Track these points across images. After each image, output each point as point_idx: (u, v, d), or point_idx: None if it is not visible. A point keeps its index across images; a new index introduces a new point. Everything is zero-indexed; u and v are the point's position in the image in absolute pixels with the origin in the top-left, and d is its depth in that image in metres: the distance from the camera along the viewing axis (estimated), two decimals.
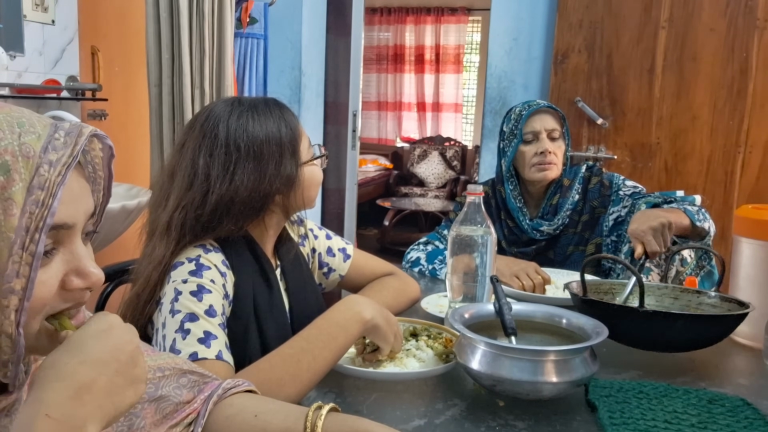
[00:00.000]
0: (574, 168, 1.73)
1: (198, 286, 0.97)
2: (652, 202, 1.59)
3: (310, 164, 1.12)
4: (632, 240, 1.38)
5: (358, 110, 3.48)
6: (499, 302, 1.04)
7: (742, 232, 1.25)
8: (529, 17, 2.69)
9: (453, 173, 6.57)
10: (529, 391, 0.90)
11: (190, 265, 1.00)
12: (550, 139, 1.65)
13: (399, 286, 1.32)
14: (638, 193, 1.64)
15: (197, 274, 0.99)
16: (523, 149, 1.66)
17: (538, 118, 1.66)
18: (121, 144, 2.78)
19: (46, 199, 0.52)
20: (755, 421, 0.87)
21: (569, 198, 1.67)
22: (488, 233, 1.19)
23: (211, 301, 0.97)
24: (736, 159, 2.43)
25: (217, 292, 0.99)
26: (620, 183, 1.67)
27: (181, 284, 0.98)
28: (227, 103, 1.08)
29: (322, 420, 0.70)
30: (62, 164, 0.53)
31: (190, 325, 0.94)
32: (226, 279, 1.02)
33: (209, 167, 1.02)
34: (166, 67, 2.32)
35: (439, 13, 6.70)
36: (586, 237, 1.66)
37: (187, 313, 0.95)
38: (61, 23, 2.42)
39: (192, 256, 1.01)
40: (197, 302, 0.96)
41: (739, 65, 2.38)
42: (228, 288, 1.03)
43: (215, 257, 1.03)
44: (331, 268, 1.30)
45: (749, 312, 1.09)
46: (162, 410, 0.73)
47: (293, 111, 1.14)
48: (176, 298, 0.97)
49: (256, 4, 2.82)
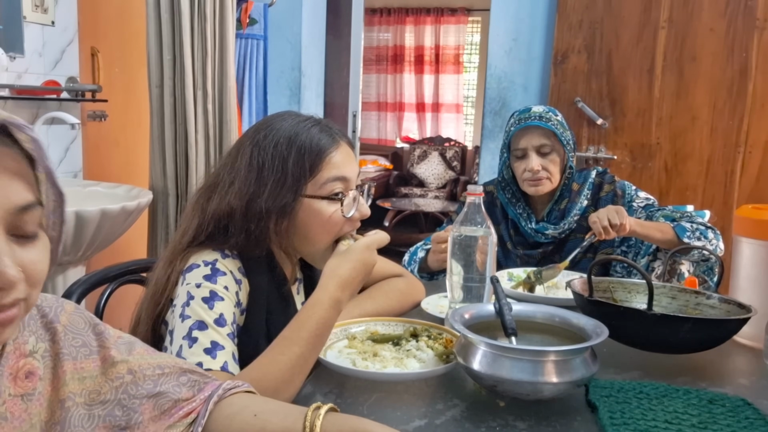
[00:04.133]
0: (584, 172, 1.72)
1: (211, 292, 0.96)
2: (670, 216, 1.59)
3: (319, 200, 1.02)
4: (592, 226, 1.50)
5: (357, 111, 3.48)
6: (500, 302, 1.04)
7: (742, 232, 1.25)
8: (528, 17, 2.69)
9: (453, 174, 6.57)
10: (529, 392, 0.90)
11: (206, 269, 0.98)
12: (540, 154, 1.64)
13: (405, 288, 1.32)
14: (651, 206, 1.64)
15: (212, 279, 0.97)
16: (515, 164, 1.67)
17: (526, 136, 1.64)
18: (121, 145, 2.78)
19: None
20: (756, 421, 0.87)
21: (578, 203, 1.67)
22: (488, 234, 1.19)
23: (222, 310, 0.96)
24: (736, 159, 2.43)
25: (229, 299, 0.97)
26: (633, 194, 1.67)
27: (194, 288, 0.96)
28: (285, 114, 1.07)
29: (321, 420, 0.71)
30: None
31: (198, 333, 0.93)
32: (240, 287, 1.01)
33: (228, 171, 1.03)
34: (167, 68, 2.32)
35: (438, 14, 6.71)
36: (596, 246, 1.66)
37: (197, 321, 0.94)
38: (61, 24, 2.42)
39: (209, 259, 0.99)
40: (208, 310, 0.95)
41: (739, 65, 2.39)
42: (242, 296, 1.01)
43: (232, 264, 1.01)
44: None
45: (752, 316, 1.09)
46: (160, 406, 0.73)
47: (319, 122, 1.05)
48: (188, 303, 0.95)
49: (256, 5, 2.83)
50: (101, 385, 0.71)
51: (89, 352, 0.71)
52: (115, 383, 0.72)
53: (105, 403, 0.70)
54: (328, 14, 3.22)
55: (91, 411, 0.69)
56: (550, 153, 1.65)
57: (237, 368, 0.94)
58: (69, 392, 0.68)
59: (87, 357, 0.71)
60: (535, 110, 1.67)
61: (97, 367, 0.71)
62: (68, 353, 0.69)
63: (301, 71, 3.02)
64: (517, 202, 1.71)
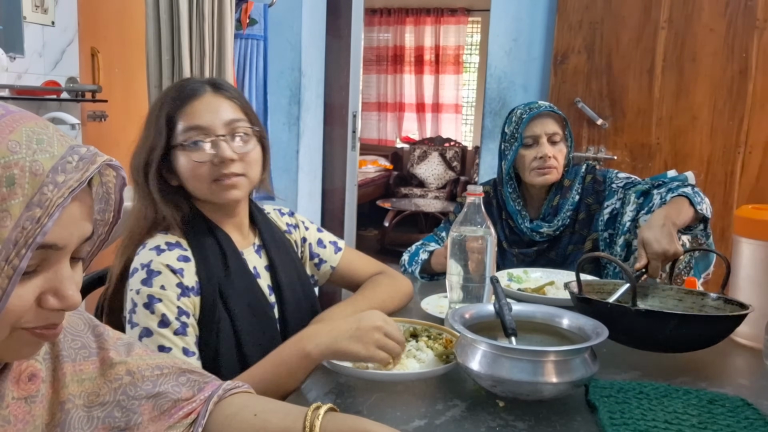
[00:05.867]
0: (575, 168, 1.73)
1: (149, 296, 1.02)
2: (641, 189, 1.58)
3: (181, 150, 1.08)
4: (639, 249, 1.34)
5: (357, 111, 3.48)
6: (499, 303, 1.04)
7: (742, 232, 1.24)
8: (528, 18, 2.69)
9: (453, 174, 6.57)
10: (529, 392, 0.90)
11: (142, 273, 1.03)
12: (551, 143, 1.65)
13: (390, 282, 1.34)
14: (630, 183, 1.64)
15: (148, 283, 1.02)
16: (524, 153, 1.66)
17: (539, 122, 1.65)
18: (121, 145, 2.78)
19: (42, 218, 0.52)
20: (755, 422, 0.87)
21: (569, 198, 1.67)
22: (488, 234, 1.19)
23: (164, 310, 1.01)
24: (736, 159, 2.43)
25: (167, 298, 1.02)
26: (613, 177, 1.67)
27: (135, 295, 1.03)
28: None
29: (320, 420, 0.71)
30: (67, 187, 0.54)
31: (147, 340, 1.00)
32: (182, 274, 1.05)
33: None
34: (166, 69, 2.32)
35: (438, 14, 6.70)
36: (584, 235, 1.66)
37: (143, 328, 1.01)
38: (61, 25, 2.42)
39: (145, 261, 1.04)
40: (150, 315, 1.01)
41: (739, 65, 2.38)
42: (188, 280, 1.05)
43: (169, 256, 1.05)
44: (322, 259, 1.32)
45: (747, 314, 1.09)
46: (160, 407, 0.73)
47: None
48: (133, 310, 1.02)
49: (256, 5, 2.82)
50: (100, 387, 0.71)
51: (88, 353, 0.71)
52: (114, 385, 0.72)
53: (104, 404, 0.70)
54: (328, 14, 3.22)
55: (91, 413, 0.69)
56: (559, 143, 1.66)
57: (193, 359, 1.02)
58: (69, 394, 0.68)
59: (86, 359, 0.71)
60: (541, 103, 1.71)
61: (96, 369, 0.71)
62: (68, 355, 0.69)
63: (301, 71, 3.02)
64: (517, 198, 1.71)
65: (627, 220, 1.58)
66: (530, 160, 1.65)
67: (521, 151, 1.66)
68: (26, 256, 0.52)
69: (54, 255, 0.57)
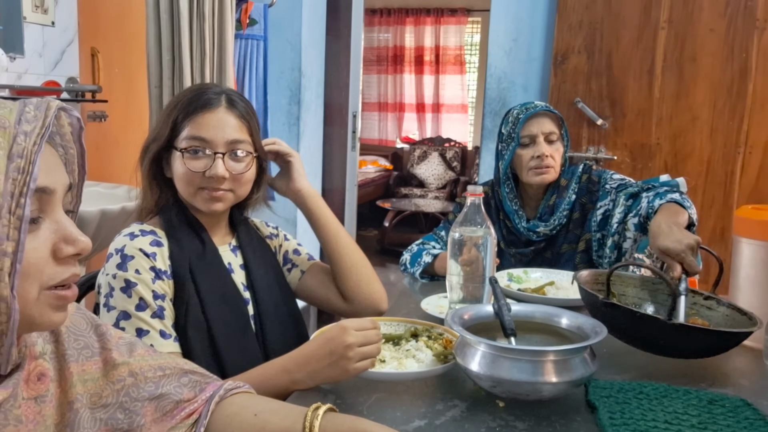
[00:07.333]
0: (572, 168, 1.73)
1: (125, 281, 1.04)
2: (630, 192, 1.58)
3: (178, 152, 1.12)
4: (665, 259, 1.27)
5: (357, 111, 3.48)
6: (498, 303, 1.04)
7: (742, 232, 1.24)
8: (528, 18, 2.69)
9: (453, 174, 6.57)
10: (528, 392, 0.90)
11: (117, 257, 1.06)
12: (548, 142, 1.65)
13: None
14: (623, 185, 1.63)
15: (123, 267, 1.05)
16: (521, 152, 1.66)
17: (536, 122, 1.65)
18: (121, 145, 2.78)
19: (26, 166, 0.55)
20: (756, 422, 0.87)
21: (566, 198, 1.67)
22: (488, 234, 1.19)
23: (141, 294, 1.04)
24: (736, 159, 2.43)
25: (143, 281, 1.05)
26: (608, 177, 1.67)
27: (112, 279, 1.05)
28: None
29: (320, 420, 0.71)
30: (36, 134, 0.57)
31: (125, 323, 1.03)
32: (155, 258, 1.07)
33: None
34: (166, 69, 2.32)
35: (438, 14, 6.70)
36: (578, 234, 1.67)
37: (121, 311, 1.03)
38: (61, 25, 2.42)
39: (119, 246, 1.07)
40: (127, 299, 1.04)
41: (739, 66, 2.38)
42: (160, 263, 1.08)
43: (142, 241, 1.08)
44: (294, 263, 1.33)
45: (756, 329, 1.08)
46: (162, 408, 0.73)
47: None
48: (110, 294, 1.04)
49: (256, 6, 2.82)
50: (103, 388, 0.71)
51: (91, 353, 0.71)
52: (116, 386, 0.71)
53: (107, 406, 0.70)
54: (328, 15, 3.22)
55: (94, 414, 0.69)
56: (556, 142, 1.66)
57: (168, 345, 1.03)
58: (77, 393, 0.68)
59: (89, 359, 0.71)
60: (538, 102, 1.72)
61: (99, 369, 0.71)
62: (71, 355, 0.69)
63: (301, 72, 3.02)
64: (514, 198, 1.71)
65: (615, 222, 1.58)
66: (527, 160, 1.65)
67: (518, 151, 1.66)
68: (27, 204, 0.55)
69: (48, 202, 0.60)
